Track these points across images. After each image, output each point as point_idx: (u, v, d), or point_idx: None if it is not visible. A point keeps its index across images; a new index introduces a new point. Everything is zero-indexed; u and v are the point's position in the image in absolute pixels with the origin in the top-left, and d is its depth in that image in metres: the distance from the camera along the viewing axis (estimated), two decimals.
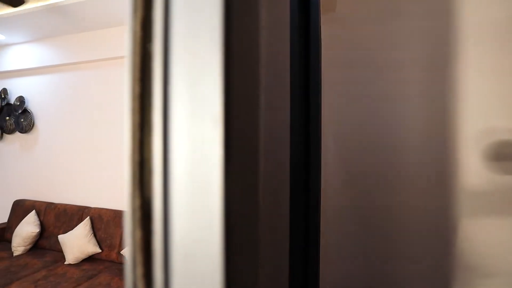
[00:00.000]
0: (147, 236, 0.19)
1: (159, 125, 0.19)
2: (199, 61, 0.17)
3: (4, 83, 3.29)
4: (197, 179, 0.18)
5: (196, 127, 0.18)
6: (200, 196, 0.17)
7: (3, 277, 2.08)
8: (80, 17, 2.47)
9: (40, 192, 3.06)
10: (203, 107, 0.18)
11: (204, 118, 0.17)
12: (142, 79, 0.20)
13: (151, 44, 0.19)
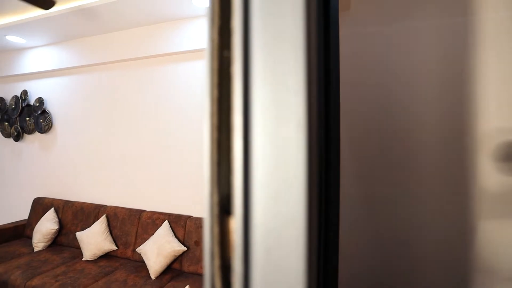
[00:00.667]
0: (224, 230, 0.20)
1: (240, 126, 0.20)
2: (281, 66, 0.19)
3: (24, 85, 3.41)
4: (280, 177, 0.19)
5: (280, 130, 0.19)
6: (283, 194, 0.19)
7: (26, 271, 2.15)
8: (99, 20, 2.54)
9: (58, 190, 3.16)
10: (287, 111, 0.19)
11: (289, 121, 0.19)
12: (220, 84, 0.21)
13: (228, 51, 0.21)
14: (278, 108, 0.19)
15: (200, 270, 2.13)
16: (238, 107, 0.20)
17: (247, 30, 0.20)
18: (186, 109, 2.49)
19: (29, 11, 2.54)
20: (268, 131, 0.19)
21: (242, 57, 0.20)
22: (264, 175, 0.19)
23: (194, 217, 2.33)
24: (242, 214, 0.20)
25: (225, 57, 0.21)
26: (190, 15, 2.37)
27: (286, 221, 0.18)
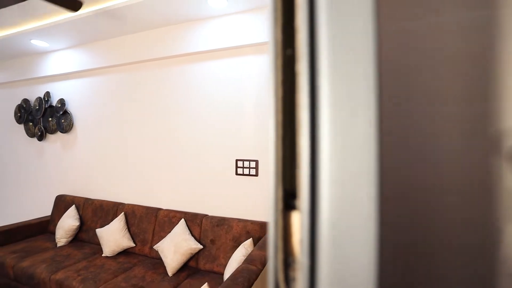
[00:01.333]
0: (287, 224, 0.21)
1: (306, 123, 0.21)
2: (351, 63, 0.20)
3: (47, 87, 3.55)
4: (348, 172, 0.20)
5: (349, 125, 0.20)
6: (352, 190, 0.19)
7: (50, 265, 2.25)
8: (118, 22, 2.61)
9: (79, 188, 3.27)
10: (357, 107, 0.20)
11: (359, 117, 0.20)
12: (284, 82, 0.22)
13: (292, 49, 0.22)
14: (347, 104, 0.20)
15: (216, 268, 2.15)
16: (305, 104, 0.21)
17: (312, 28, 0.21)
18: (202, 109, 2.53)
19: (52, 16, 2.65)
20: (336, 127, 0.20)
21: (308, 54, 0.21)
22: (331, 171, 0.20)
23: (209, 215, 2.36)
24: (309, 209, 0.21)
25: (288, 55, 0.22)
26: (205, 16, 2.41)
27: (355, 215, 0.19)
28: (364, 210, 0.19)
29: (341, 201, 0.20)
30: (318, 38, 0.21)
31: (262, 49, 2.30)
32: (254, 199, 2.29)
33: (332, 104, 0.20)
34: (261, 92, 2.28)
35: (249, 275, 1.40)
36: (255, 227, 2.13)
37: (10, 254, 2.45)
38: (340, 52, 0.20)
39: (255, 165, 2.27)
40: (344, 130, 0.20)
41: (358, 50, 0.19)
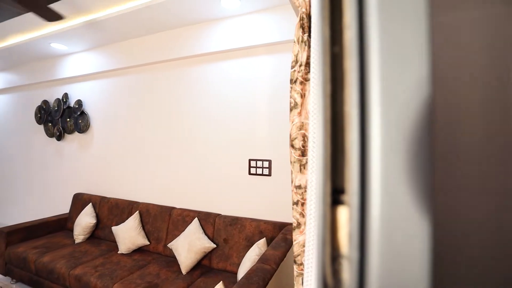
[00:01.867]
0: (333, 219, 0.22)
1: (356, 119, 0.22)
2: (402, 62, 0.20)
3: (65, 88, 3.67)
4: (398, 168, 0.20)
5: (400, 123, 0.20)
6: (401, 182, 0.19)
7: (69, 261, 2.32)
8: (133, 25, 2.67)
9: (95, 187, 3.36)
10: (406, 106, 0.20)
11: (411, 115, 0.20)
12: (333, 79, 0.22)
13: (339, 46, 0.22)
14: (397, 101, 0.20)
15: (229, 267, 2.17)
16: (354, 100, 0.21)
17: (361, 26, 0.21)
18: (215, 109, 2.55)
19: (71, 19, 2.73)
20: (386, 124, 0.20)
21: (358, 52, 0.21)
22: (382, 166, 0.20)
23: (222, 215, 2.38)
24: (359, 203, 0.21)
25: (336, 53, 0.22)
26: (218, 17, 2.43)
27: (407, 207, 0.19)
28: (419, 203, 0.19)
29: (392, 195, 0.20)
30: (368, 36, 0.21)
31: (275, 49, 2.30)
32: (267, 199, 2.30)
33: (382, 101, 0.20)
34: (274, 92, 2.28)
35: (264, 274, 1.40)
36: (268, 227, 2.13)
37: (31, 249, 2.54)
38: (391, 50, 0.20)
39: (268, 165, 2.28)
40: (394, 128, 0.20)
41: (410, 49, 0.19)
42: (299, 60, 0.94)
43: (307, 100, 0.93)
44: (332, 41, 0.22)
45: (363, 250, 0.20)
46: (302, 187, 0.93)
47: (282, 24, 2.18)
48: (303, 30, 0.93)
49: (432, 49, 0.19)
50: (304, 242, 0.93)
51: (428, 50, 0.19)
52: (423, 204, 0.19)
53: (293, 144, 0.94)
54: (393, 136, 0.20)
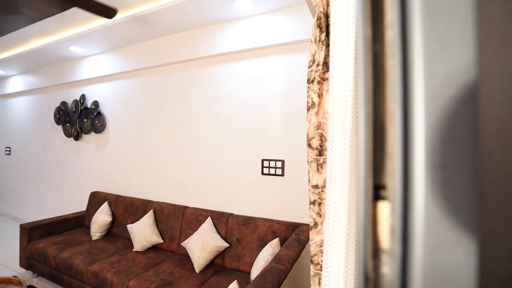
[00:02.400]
0: (375, 212, 0.22)
1: (399, 116, 0.22)
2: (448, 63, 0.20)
3: (82, 90, 3.78)
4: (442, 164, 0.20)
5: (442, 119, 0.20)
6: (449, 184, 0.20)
7: (87, 257, 2.39)
8: (148, 27, 2.73)
9: (111, 185, 3.44)
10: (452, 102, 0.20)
11: None
12: (374, 76, 0.23)
13: (380, 45, 0.22)
14: (440, 99, 0.20)
15: (242, 267, 2.18)
16: (397, 97, 0.22)
17: (404, 25, 0.21)
18: (228, 109, 2.57)
19: (89, 23, 2.81)
20: (430, 121, 0.21)
21: (401, 50, 0.21)
22: (425, 162, 0.20)
23: (235, 214, 2.40)
24: (401, 198, 0.21)
25: (376, 51, 0.22)
26: (232, 18, 2.45)
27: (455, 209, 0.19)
28: (463, 197, 0.19)
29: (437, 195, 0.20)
30: (411, 34, 0.21)
31: (287, 49, 2.29)
32: (280, 199, 2.30)
33: (426, 97, 0.21)
34: (287, 92, 2.28)
35: (278, 274, 1.40)
36: (281, 227, 2.13)
37: (51, 245, 2.63)
38: (435, 49, 0.20)
39: (281, 165, 2.28)
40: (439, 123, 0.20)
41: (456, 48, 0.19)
42: (316, 59, 0.94)
43: (324, 100, 0.92)
44: (374, 40, 0.22)
45: (406, 244, 0.20)
46: (319, 187, 0.93)
47: (295, 24, 2.18)
48: (320, 30, 0.93)
49: (480, 46, 0.19)
50: (321, 242, 0.93)
51: (476, 48, 0.19)
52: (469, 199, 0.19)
53: (310, 144, 0.94)
54: (437, 133, 0.20)
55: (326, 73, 0.93)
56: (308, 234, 1.96)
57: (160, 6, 2.32)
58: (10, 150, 4.96)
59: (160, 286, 1.93)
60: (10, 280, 2.00)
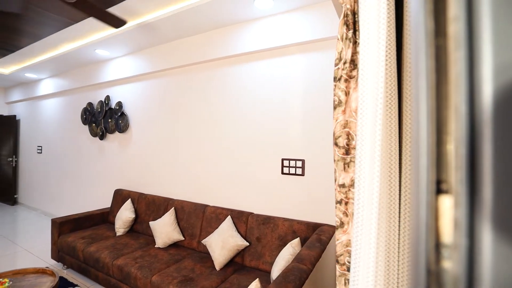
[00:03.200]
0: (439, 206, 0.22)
1: (464, 110, 0.22)
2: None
3: (107, 91, 3.93)
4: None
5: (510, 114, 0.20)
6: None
7: (112, 252, 2.48)
8: (170, 29, 2.80)
9: (134, 183, 3.56)
10: None
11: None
12: (438, 70, 0.23)
13: (443, 38, 0.22)
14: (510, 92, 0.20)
15: (262, 265, 2.18)
16: (462, 92, 0.21)
17: (470, 18, 0.21)
18: (248, 109, 2.58)
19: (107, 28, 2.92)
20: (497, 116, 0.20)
21: (467, 44, 0.21)
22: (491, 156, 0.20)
23: (255, 214, 2.41)
24: (467, 190, 0.21)
25: (439, 45, 0.22)
26: (251, 18, 2.46)
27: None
28: None
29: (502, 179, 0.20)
30: (479, 28, 0.21)
31: (308, 48, 2.28)
32: (300, 199, 2.28)
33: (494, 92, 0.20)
34: (307, 91, 2.26)
35: (300, 274, 1.39)
36: (302, 227, 2.11)
37: (80, 239, 2.76)
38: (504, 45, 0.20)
39: (301, 164, 2.26)
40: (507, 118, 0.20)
41: None
42: (343, 57, 0.93)
43: (351, 98, 0.91)
44: (437, 33, 0.22)
45: (472, 237, 0.20)
46: (346, 186, 0.92)
47: (316, 23, 2.16)
48: (347, 27, 0.92)
49: None
50: (347, 242, 0.92)
51: None
52: None
53: (337, 143, 0.93)
54: (505, 128, 0.19)
55: (353, 70, 0.92)
56: (329, 235, 1.94)
57: (181, 8, 2.37)
58: (42, 149, 5.25)
59: (181, 282, 1.97)
60: (44, 271, 2.12)
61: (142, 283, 2.11)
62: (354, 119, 0.90)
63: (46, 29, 3.10)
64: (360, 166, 0.73)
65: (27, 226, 4.42)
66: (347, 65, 0.92)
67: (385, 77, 0.68)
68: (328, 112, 2.15)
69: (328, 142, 2.15)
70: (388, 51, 0.68)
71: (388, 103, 0.70)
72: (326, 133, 2.16)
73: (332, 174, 2.13)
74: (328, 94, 2.15)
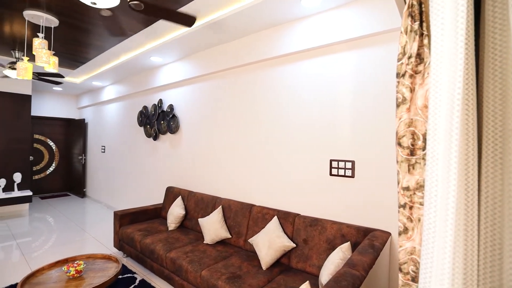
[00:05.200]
0: None
1: None
2: None
3: (160, 95, 4.24)
4: None
5: None
6: None
7: (165, 245, 2.66)
8: (217, 33, 2.91)
9: (184, 181, 3.78)
10: None
11: None
12: None
13: None
14: None
15: (309, 268, 2.14)
16: None
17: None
18: (294, 109, 2.56)
19: (167, 34, 3.14)
20: None
21: None
22: None
23: (302, 215, 2.38)
24: None
25: None
26: (297, 17, 2.43)
27: None
28: None
29: None
30: None
31: (357, 44, 2.18)
32: (349, 202, 2.19)
33: None
34: (357, 89, 2.16)
35: (353, 280, 1.33)
36: (351, 231, 2.03)
37: (137, 231, 3.01)
38: None
39: (351, 165, 2.17)
40: None
41: None
42: (407, 51, 0.87)
43: (417, 95, 0.85)
44: None
45: None
46: (411, 189, 0.85)
47: (364, 18, 2.06)
48: (412, 19, 0.86)
49: None
50: (412, 249, 0.85)
51: None
52: None
53: (400, 143, 0.87)
54: None
55: (419, 65, 0.85)
56: (383, 240, 1.83)
57: (229, 13, 2.44)
58: (105, 148, 5.87)
59: (229, 279, 2.03)
60: (110, 257, 2.36)
61: (192, 276, 2.22)
62: (421, 118, 0.83)
63: (109, 42, 3.46)
64: (431, 168, 0.68)
65: (94, 216, 4.98)
66: (412, 60, 0.85)
67: (463, 73, 0.62)
68: (382, 111, 2.03)
69: (381, 143, 2.03)
70: (468, 43, 0.62)
71: (465, 101, 0.63)
72: (379, 133, 2.04)
73: (387, 176, 2.00)
74: (382, 92, 2.03)
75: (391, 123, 1.98)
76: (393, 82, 1.98)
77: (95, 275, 2.07)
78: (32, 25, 3.01)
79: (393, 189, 1.97)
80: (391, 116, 1.99)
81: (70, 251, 3.41)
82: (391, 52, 2.00)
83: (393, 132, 1.98)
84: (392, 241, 1.97)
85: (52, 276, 2.05)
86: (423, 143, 0.85)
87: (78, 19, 2.83)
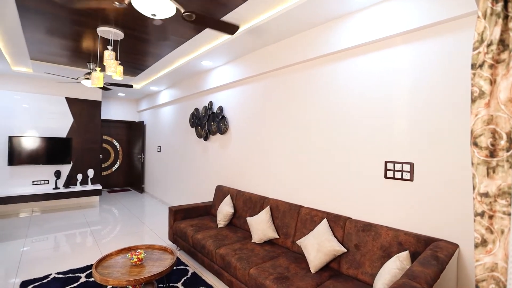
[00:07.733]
0: None
1: None
2: None
3: (210, 97, 4.44)
4: None
5: None
6: None
7: (215, 241, 2.78)
8: (264, 35, 2.93)
9: (232, 181, 3.89)
10: None
11: None
12: None
13: None
14: None
15: (361, 276, 2.03)
16: None
17: None
18: (345, 108, 2.45)
19: (216, 40, 3.27)
20: None
21: None
22: None
23: (353, 219, 2.26)
24: None
25: None
26: (347, 12, 2.32)
27: None
28: None
29: None
30: None
31: (413, 37, 1.99)
32: (407, 207, 2.01)
33: None
34: (415, 86, 1.98)
35: None
36: (410, 239, 1.86)
37: (189, 226, 3.20)
38: None
39: (409, 168, 1.99)
40: None
41: None
42: (485, 38, 0.76)
43: (500, 87, 0.74)
44: None
45: None
46: (491, 196, 0.74)
47: (421, 7, 1.87)
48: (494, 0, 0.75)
49: None
50: (492, 265, 0.75)
51: None
52: None
53: (477, 142, 0.77)
54: None
55: (503, 53, 0.74)
56: (448, 253, 1.64)
57: (277, 14, 2.44)
58: (160, 148, 6.37)
59: (277, 279, 2.03)
60: (166, 249, 2.55)
61: (241, 273, 2.27)
62: (504, 113, 0.72)
63: (165, 49, 3.74)
64: None
65: (151, 211, 5.44)
66: (493, 47, 0.75)
67: None
68: (446, 108, 1.82)
69: (445, 143, 1.82)
70: None
71: None
72: (442, 133, 1.83)
73: (454, 180, 1.79)
74: (446, 87, 1.82)
75: (458, 120, 1.77)
76: (460, 75, 1.76)
77: (154, 264, 2.25)
78: (103, 39, 3.41)
79: (461, 195, 1.75)
80: (458, 112, 1.77)
81: (132, 240, 3.77)
82: (459, 42, 1.78)
83: (461, 131, 1.76)
84: (461, 253, 1.76)
85: (118, 261, 2.29)
86: (507, 143, 0.74)
87: (139, 30, 3.12)
